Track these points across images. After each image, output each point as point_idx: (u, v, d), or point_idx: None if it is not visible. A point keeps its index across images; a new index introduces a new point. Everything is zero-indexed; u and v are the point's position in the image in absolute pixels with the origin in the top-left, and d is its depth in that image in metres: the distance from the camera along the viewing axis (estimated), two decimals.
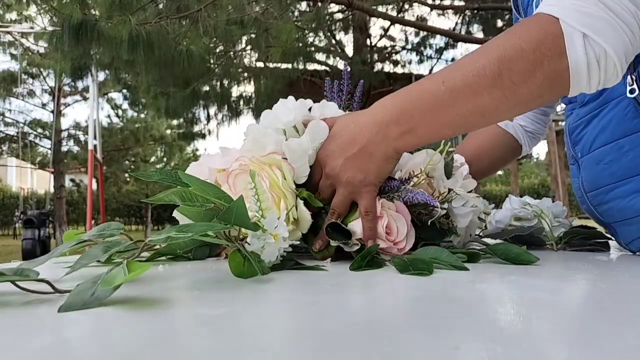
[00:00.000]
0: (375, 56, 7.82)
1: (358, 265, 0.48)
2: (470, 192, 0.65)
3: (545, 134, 0.95)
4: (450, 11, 7.39)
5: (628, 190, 0.67)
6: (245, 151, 0.57)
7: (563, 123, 0.81)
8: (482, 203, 0.84)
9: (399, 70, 7.95)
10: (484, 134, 0.94)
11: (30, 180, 20.82)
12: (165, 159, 15.41)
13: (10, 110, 13.02)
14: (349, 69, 0.71)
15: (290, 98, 0.61)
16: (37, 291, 0.33)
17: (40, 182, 20.10)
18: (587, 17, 0.47)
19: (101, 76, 7.82)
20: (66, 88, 12.91)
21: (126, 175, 15.99)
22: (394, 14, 6.23)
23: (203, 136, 8.70)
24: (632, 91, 0.64)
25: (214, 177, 0.58)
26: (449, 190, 0.61)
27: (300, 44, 5.44)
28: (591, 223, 0.82)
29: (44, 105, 13.41)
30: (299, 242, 0.55)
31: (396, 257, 0.50)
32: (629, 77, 0.64)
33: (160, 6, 4.66)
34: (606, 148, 0.70)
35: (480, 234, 0.80)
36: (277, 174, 0.53)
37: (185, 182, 0.48)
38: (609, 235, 0.76)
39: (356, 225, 0.54)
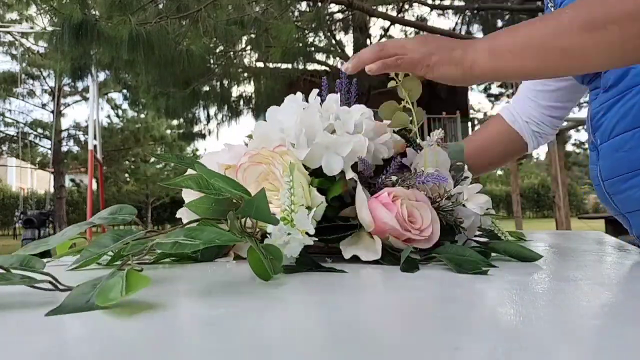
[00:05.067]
0: None
1: (410, 265, 0.47)
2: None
3: (554, 136, 0.94)
4: (450, 11, 7.39)
5: None
6: (253, 147, 0.58)
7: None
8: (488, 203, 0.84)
9: None
10: (490, 127, 0.94)
11: (30, 180, 20.82)
12: None
13: (10, 111, 13.04)
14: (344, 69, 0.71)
15: (299, 94, 0.61)
16: (41, 288, 0.33)
17: (40, 182, 20.10)
18: None
19: (101, 76, 7.82)
20: (66, 88, 12.92)
21: (126, 175, 15.99)
22: (394, 14, 6.23)
23: (203, 136, 8.69)
24: None
25: (222, 173, 0.58)
26: (456, 195, 0.61)
27: (300, 44, 5.43)
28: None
29: (44, 106, 13.43)
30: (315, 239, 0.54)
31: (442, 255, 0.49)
32: None
33: (160, 6, 4.66)
34: (626, 135, 0.68)
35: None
36: (288, 161, 0.53)
37: (200, 172, 0.48)
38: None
39: (364, 214, 0.53)
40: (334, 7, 6.16)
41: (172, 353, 0.22)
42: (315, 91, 0.60)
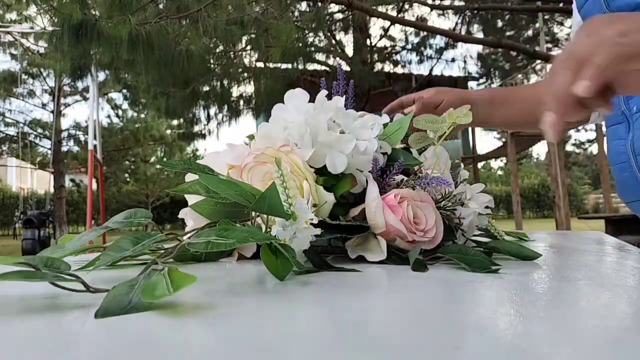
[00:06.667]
0: (375, 56, 7.83)
1: (419, 265, 0.46)
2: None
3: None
4: (450, 11, 7.39)
5: None
6: (257, 148, 0.58)
7: None
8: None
9: (399, 70, 7.96)
10: None
11: (30, 180, 20.83)
12: (165, 159, 15.40)
13: (10, 110, 13.05)
14: (342, 68, 0.71)
15: (298, 90, 0.60)
16: (68, 288, 0.32)
17: (40, 182, 20.10)
18: None
19: (101, 76, 7.82)
20: (66, 88, 12.92)
21: (126, 175, 16.00)
22: (394, 14, 6.24)
23: (203, 136, 8.69)
24: None
25: (225, 173, 0.58)
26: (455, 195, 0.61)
27: (300, 44, 5.44)
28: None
29: (44, 105, 13.43)
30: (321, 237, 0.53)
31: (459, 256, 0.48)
32: None
33: (160, 6, 4.67)
34: None
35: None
36: (294, 159, 0.53)
37: (207, 173, 0.47)
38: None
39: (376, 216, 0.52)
40: (334, 7, 6.17)
41: (177, 353, 0.22)
42: (324, 92, 0.60)
